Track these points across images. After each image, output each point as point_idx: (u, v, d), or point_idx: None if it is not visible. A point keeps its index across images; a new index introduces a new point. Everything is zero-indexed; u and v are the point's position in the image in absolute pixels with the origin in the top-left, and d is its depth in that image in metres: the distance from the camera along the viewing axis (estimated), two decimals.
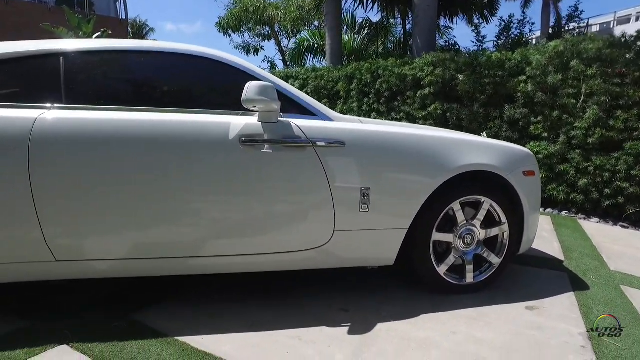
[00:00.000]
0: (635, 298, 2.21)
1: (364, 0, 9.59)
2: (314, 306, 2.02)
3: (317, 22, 13.20)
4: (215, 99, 2.03)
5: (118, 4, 18.69)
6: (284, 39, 15.92)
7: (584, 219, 4.08)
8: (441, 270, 2.14)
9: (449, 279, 2.17)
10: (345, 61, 9.29)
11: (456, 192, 2.10)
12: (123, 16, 18.21)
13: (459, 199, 2.11)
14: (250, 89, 1.75)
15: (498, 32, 7.55)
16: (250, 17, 14.11)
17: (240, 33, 15.59)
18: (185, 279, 2.24)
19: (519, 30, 7.49)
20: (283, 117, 1.89)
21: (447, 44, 9.13)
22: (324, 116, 2.01)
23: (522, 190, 2.22)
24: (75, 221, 1.71)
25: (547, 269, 2.62)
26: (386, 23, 10.71)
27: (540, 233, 3.19)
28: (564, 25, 8.16)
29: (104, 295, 2.08)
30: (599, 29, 22.11)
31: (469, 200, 2.16)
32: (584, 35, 4.70)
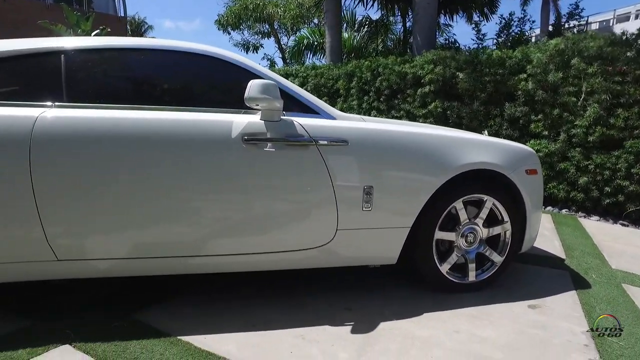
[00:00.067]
0: (637, 296, 2.21)
1: None
2: (317, 305, 2.02)
3: (317, 20, 13.17)
4: (218, 97, 2.02)
5: (117, 1, 18.60)
6: (283, 37, 15.91)
7: (584, 217, 4.08)
8: (443, 268, 2.14)
9: (451, 278, 2.16)
10: (344, 59, 9.27)
11: (459, 191, 2.09)
12: (122, 13, 18.12)
13: (462, 197, 2.11)
14: (253, 87, 1.74)
15: (498, 30, 7.54)
16: (249, 15, 14.08)
17: (239, 31, 15.56)
18: (187, 278, 2.23)
19: (519, 28, 7.49)
20: (285, 116, 1.88)
21: (447, 41, 9.12)
22: (326, 114, 2.00)
23: (525, 188, 2.21)
24: (77, 220, 1.70)
25: (549, 268, 2.62)
26: (386, 21, 10.68)
27: (541, 231, 3.19)
28: (563, 23, 8.14)
29: (104, 294, 2.07)
30: (598, 26, 22.11)
31: (471, 198, 2.15)
32: (584, 33, 4.69)
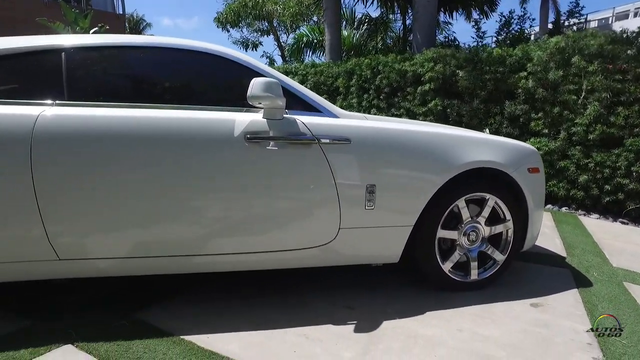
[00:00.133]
0: (638, 295, 2.22)
1: None
2: (319, 304, 2.01)
3: (316, 18, 13.12)
4: (220, 95, 2.00)
5: None
6: (282, 35, 15.84)
7: (584, 215, 4.08)
8: (446, 267, 2.13)
9: (453, 276, 2.16)
10: (344, 57, 9.24)
11: (461, 189, 2.09)
12: (120, 11, 17.98)
13: (464, 195, 2.10)
14: (256, 85, 1.73)
15: (498, 28, 7.53)
16: (249, 12, 14.01)
17: (238, 28, 15.49)
18: (187, 278, 2.22)
19: (519, 25, 7.48)
20: (288, 114, 1.88)
21: (447, 39, 9.10)
22: (329, 113, 1.99)
23: (527, 187, 2.21)
24: (78, 219, 1.69)
25: (550, 266, 2.63)
26: (385, 18, 10.66)
27: (542, 229, 3.17)
28: (563, 21, 8.13)
29: (103, 294, 2.06)
30: (597, 24, 22.14)
31: (473, 197, 2.15)
32: (584, 31, 4.69)
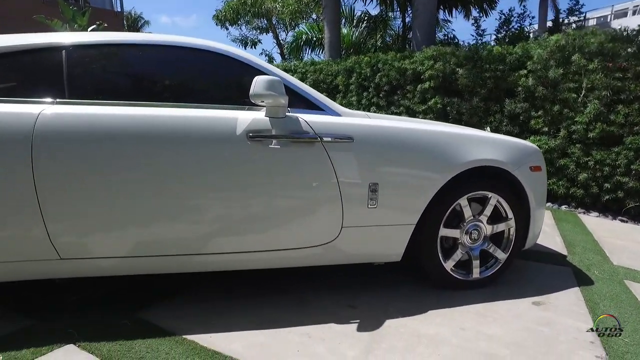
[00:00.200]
0: (639, 293, 2.22)
1: None
2: (321, 303, 2.01)
3: (316, 15, 13.07)
4: (221, 93, 1.99)
5: None
6: (281, 32, 15.75)
7: (583, 213, 4.09)
8: (448, 265, 2.13)
9: (455, 275, 2.16)
10: (343, 55, 9.22)
11: (464, 188, 2.09)
12: (118, 8, 17.89)
13: (467, 194, 2.10)
14: (259, 83, 1.72)
15: (498, 26, 7.52)
16: (248, 10, 13.93)
17: (237, 26, 15.41)
18: (187, 277, 2.21)
19: (518, 23, 7.48)
20: (290, 112, 1.87)
21: (446, 37, 9.10)
22: (331, 111, 1.98)
23: (529, 185, 2.21)
24: (80, 218, 1.68)
25: (551, 264, 2.63)
26: (385, 16, 10.64)
27: (542, 228, 3.20)
28: (563, 19, 8.13)
29: (102, 294, 2.05)
30: (596, 22, 22.18)
31: (476, 195, 2.14)
32: (585, 29, 4.68)
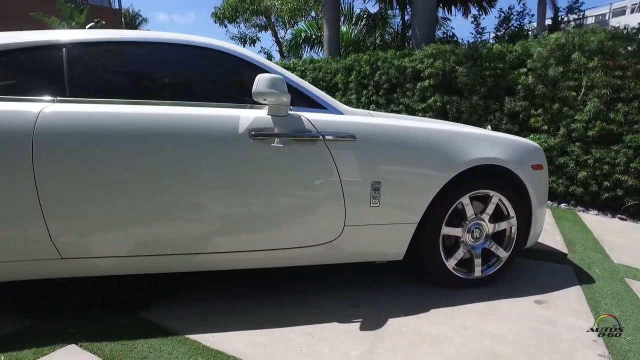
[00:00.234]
0: None
1: None
2: (323, 302, 2.00)
3: (315, 13, 13.04)
4: (223, 91, 1.98)
5: None
6: (280, 30, 15.71)
7: (582, 211, 4.10)
8: (450, 264, 2.13)
9: (457, 273, 2.16)
10: (342, 52, 9.20)
11: (466, 186, 2.08)
12: (116, 6, 17.76)
13: (469, 193, 2.09)
14: (261, 81, 1.70)
15: (497, 24, 7.52)
16: (246, 7, 13.89)
17: (236, 24, 15.35)
18: (189, 277, 2.20)
19: (518, 21, 7.47)
20: (293, 111, 1.86)
21: (445, 35, 9.09)
22: (334, 109, 1.97)
23: (531, 184, 2.21)
24: (81, 218, 1.66)
25: (552, 262, 2.63)
26: (384, 14, 10.62)
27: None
28: (562, 17, 8.13)
29: (102, 293, 2.04)
30: (594, 20, 22.21)
31: (478, 194, 2.14)
32: (584, 27, 4.68)
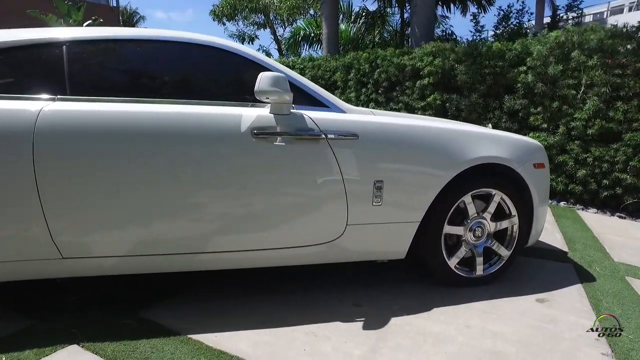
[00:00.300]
0: None
1: None
2: (325, 301, 2.00)
3: (313, 11, 13.01)
4: (226, 90, 1.97)
5: None
6: (279, 28, 15.67)
7: (581, 209, 4.11)
8: (452, 263, 2.13)
9: (459, 272, 2.16)
10: (341, 50, 9.18)
11: (468, 185, 2.08)
12: (114, 3, 17.67)
13: (471, 191, 2.09)
14: (264, 80, 1.69)
15: (497, 22, 7.52)
16: (245, 5, 13.84)
17: (234, 21, 15.29)
18: (189, 276, 2.19)
19: (517, 20, 7.47)
20: (295, 109, 1.84)
21: (444, 33, 9.08)
22: (336, 108, 1.96)
23: (532, 182, 2.21)
24: (82, 217, 1.65)
25: (552, 261, 2.63)
26: (383, 12, 10.60)
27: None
28: (562, 16, 8.13)
29: (102, 293, 2.02)
30: (592, 18, 22.26)
31: (479, 192, 2.14)
32: (584, 26, 4.68)
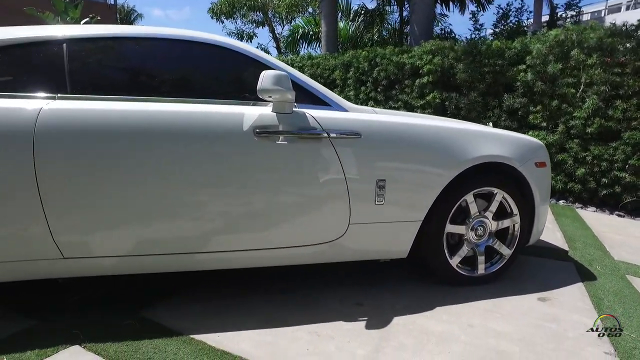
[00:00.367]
0: None
1: None
2: (328, 300, 1.99)
3: (312, 9, 12.97)
4: (227, 88, 1.95)
5: None
6: (277, 26, 15.61)
7: (581, 208, 4.12)
8: (454, 262, 2.13)
9: (461, 271, 2.16)
10: (340, 49, 9.16)
11: (470, 184, 2.08)
12: (111, 1, 17.57)
13: (473, 190, 2.09)
14: (266, 78, 1.68)
15: (496, 20, 7.52)
16: (243, 3, 13.79)
17: (233, 19, 15.23)
18: (188, 276, 2.18)
19: (517, 18, 7.48)
20: (297, 108, 1.83)
21: (443, 31, 9.07)
22: (338, 106, 1.95)
23: (534, 181, 2.21)
24: (83, 217, 1.64)
25: (553, 259, 2.64)
26: (382, 10, 10.58)
27: None
28: (560, 14, 8.14)
29: (102, 293, 2.01)
30: (590, 17, 22.31)
31: (481, 191, 2.14)
32: (582, 24, 4.69)
